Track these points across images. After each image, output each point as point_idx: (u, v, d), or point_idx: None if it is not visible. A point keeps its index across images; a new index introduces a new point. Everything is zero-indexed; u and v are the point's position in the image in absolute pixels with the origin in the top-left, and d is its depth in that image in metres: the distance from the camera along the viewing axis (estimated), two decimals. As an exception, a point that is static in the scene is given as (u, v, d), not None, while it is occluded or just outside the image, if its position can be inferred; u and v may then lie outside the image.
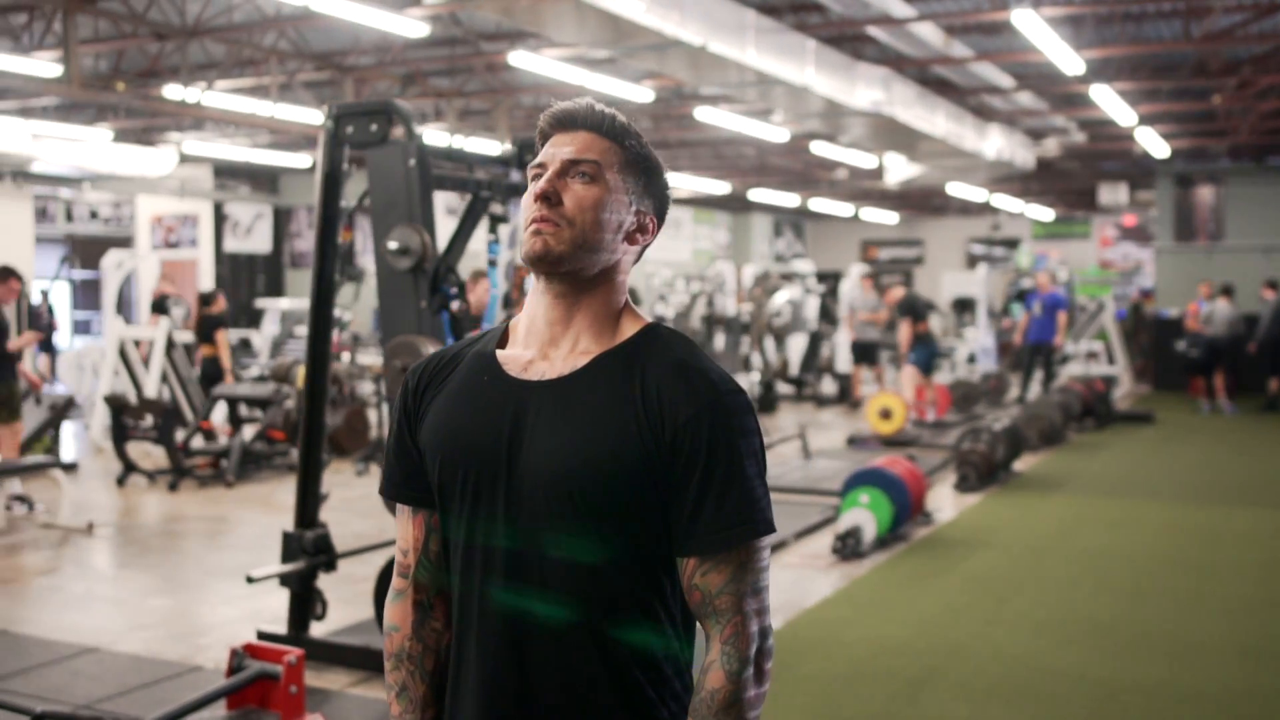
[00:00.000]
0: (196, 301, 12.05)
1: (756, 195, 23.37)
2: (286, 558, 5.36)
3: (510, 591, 1.61)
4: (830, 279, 20.55)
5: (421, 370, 1.76)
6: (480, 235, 5.57)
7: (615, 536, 1.58)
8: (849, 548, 7.25)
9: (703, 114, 13.21)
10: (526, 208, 1.63)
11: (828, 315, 17.99)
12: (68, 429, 12.56)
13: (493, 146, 8.97)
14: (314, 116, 12.06)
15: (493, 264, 5.53)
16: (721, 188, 21.65)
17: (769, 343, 16.84)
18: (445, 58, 12.30)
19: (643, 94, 11.93)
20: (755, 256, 27.87)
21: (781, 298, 17.18)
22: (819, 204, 25.49)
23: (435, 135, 13.46)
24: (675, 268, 22.68)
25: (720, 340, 17.12)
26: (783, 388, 17.11)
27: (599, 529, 1.58)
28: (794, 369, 17.19)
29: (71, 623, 5.92)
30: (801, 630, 5.82)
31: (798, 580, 6.82)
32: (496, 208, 5.44)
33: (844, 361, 16.66)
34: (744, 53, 8.65)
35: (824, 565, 7.13)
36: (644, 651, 1.61)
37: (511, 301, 6.43)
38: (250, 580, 5.20)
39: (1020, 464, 10.69)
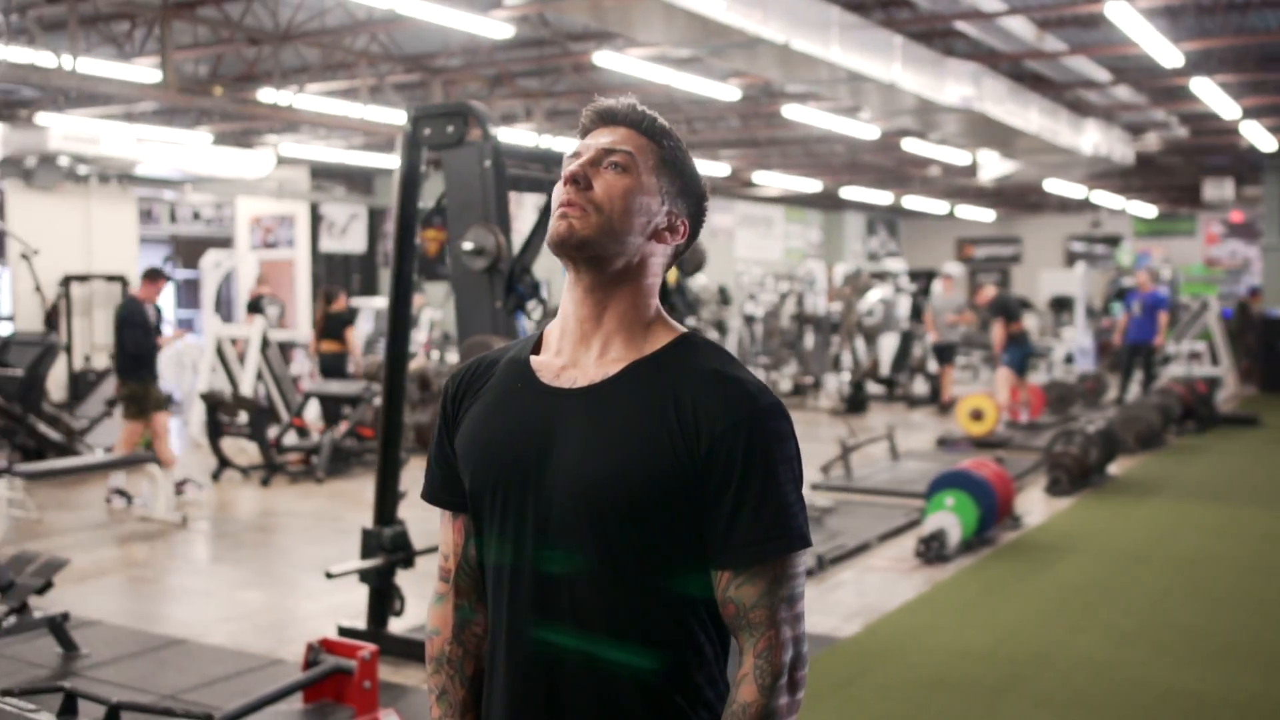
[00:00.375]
0: (321, 300, 12.38)
1: (848, 193, 23.14)
2: (366, 554, 5.43)
3: (538, 604, 1.60)
4: (924, 277, 20.24)
5: (460, 376, 1.76)
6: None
7: (645, 549, 1.56)
8: (933, 551, 7.14)
9: (791, 112, 13.11)
10: (557, 194, 1.62)
11: (920, 314, 17.74)
12: (171, 425, 12.88)
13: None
14: (403, 118, 12.21)
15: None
16: (812, 186, 21.48)
17: (859, 342, 16.66)
18: (533, 59, 12.37)
19: (729, 92, 11.88)
20: (848, 255, 27.60)
21: (874, 296, 17.01)
22: (912, 201, 25.17)
23: (522, 136, 13.57)
24: (766, 266, 22.59)
25: (810, 339, 17.00)
26: (873, 388, 16.91)
27: (628, 541, 1.56)
28: (885, 369, 16.97)
29: (162, 614, 6.08)
30: (881, 635, 5.74)
31: (879, 584, 6.73)
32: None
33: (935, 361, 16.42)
34: (828, 50, 8.55)
35: (907, 569, 7.03)
36: (675, 664, 1.59)
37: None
38: (329, 576, 5.28)
39: (1115, 467, 10.42)
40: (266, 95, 11.84)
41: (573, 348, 1.65)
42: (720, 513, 1.54)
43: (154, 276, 9.24)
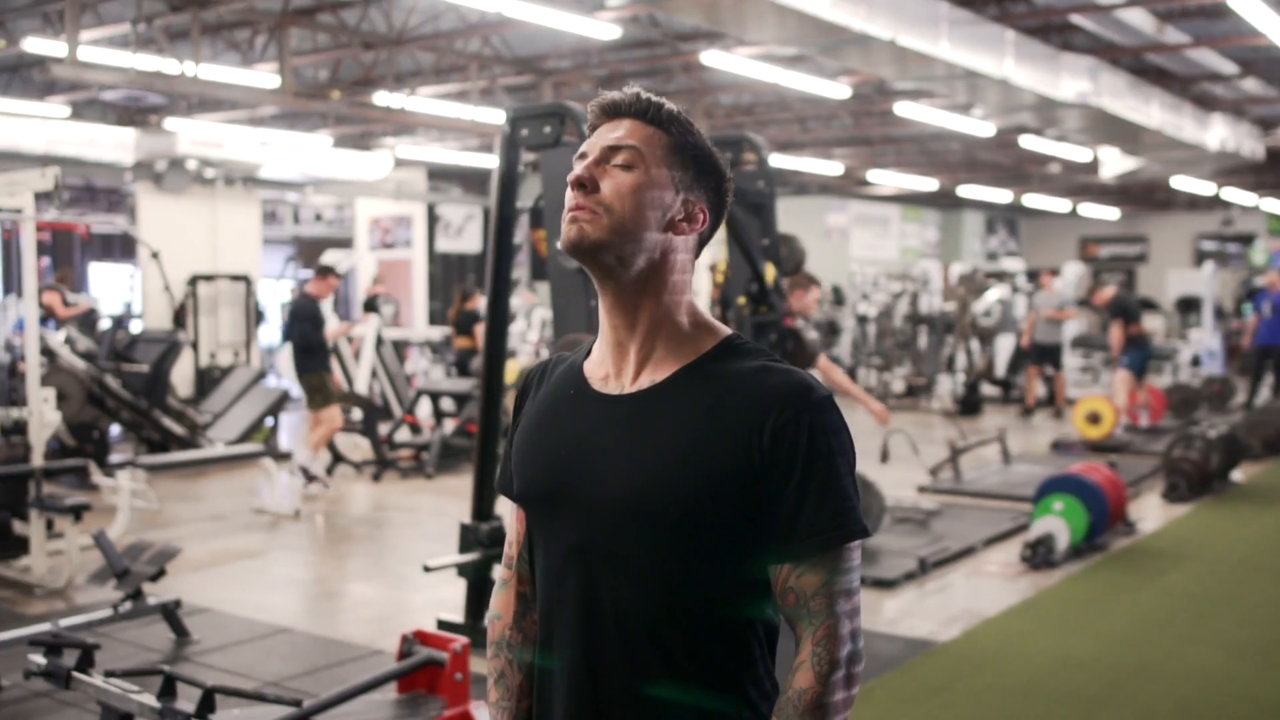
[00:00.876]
0: (457, 297, 12.69)
1: (966, 191, 22.74)
2: (463, 549, 5.53)
3: (581, 615, 1.61)
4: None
5: (531, 375, 1.78)
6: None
7: (693, 556, 1.56)
8: (1039, 556, 6.99)
9: (903, 109, 12.94)
10: (566, 198, 1.61)
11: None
12: (286, 420, 13.26)
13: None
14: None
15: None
16: (928, 184, 21.16)
17: (974, 343, 16.37)
18: (643, 59, 12.43)
19: (839, 90, 11.78)
20: (966, 254, 27.11)
21: (992, 296, 16.71)
22: (1033, 200, 24.63)
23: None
24: (882, 266, 22.32)
25: (924, 340, 16.76)
26: (989, 389, 16.60)
27: (675, 551, 1.55)
28: (1001, 370, 16.65)
29: (270, 603, 6.26)
30: (979, 640, 5.64)
31: (982, 589, 6.61)
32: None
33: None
34: (937, 46, 8.43)
35: (1013, 574, 6.89)
36: (720, 666, 1.59)
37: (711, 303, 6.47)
38: (427, 569, 5.38)
39: (1239, 474, 10.06)
40: (382, 99, 12.09)
41: (614, 354, 1.64)
42: (783, 504, 1.53)
43: (324, 273, 9.56)
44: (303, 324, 9.26)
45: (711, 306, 7.01)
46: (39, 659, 3.70)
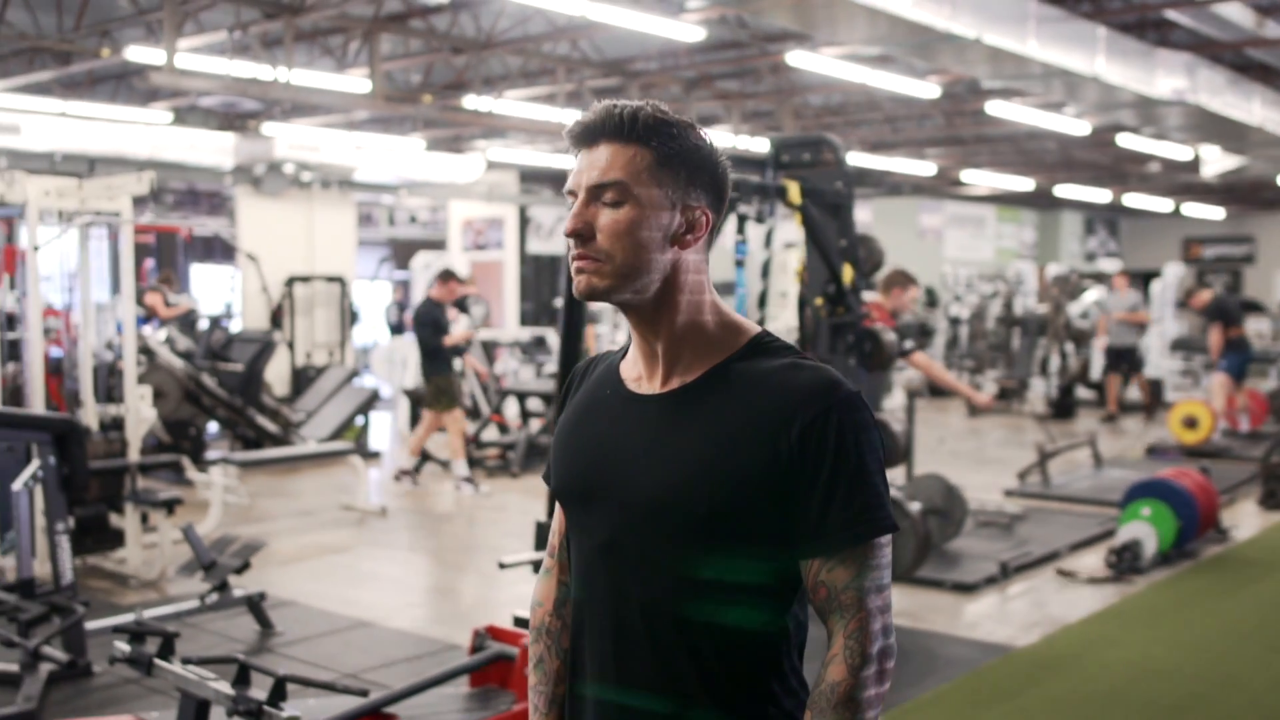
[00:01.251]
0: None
1: (1064, 191, 22.32)
2: (539, 546, 5.58)
3: (610, 610, 1.64)
4: (1142, 279, 19.34)
5: (575, 372, 1.81)
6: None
7: (721, 554, 1.57)
8: (1124, 563, 6.85)
9: (995, 108, 12.76)
10: (566, 243, 1.60)
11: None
12: (379, 419, 13.51)
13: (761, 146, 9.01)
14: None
15: (740, 264, 5.56)
16: (1024, 184, 20.80)
17: (1069, 346, 16.04)
18: (731, 59, 12.43)
19: (928, 89, 11.66)
20: (1064, 255, 26.60)
21: (1090, 298, 16.39)
22: (1134, 199, 24.06)
23: (721, 137, 13.62)
24: (977, 267, 21.99)
25: (1017, 342, 16.47)
26: (1085, 393, 16.27)
27: (704, 549, 1.57)
28: (1096, 373, 16.29)
29: (354, 598, 6.39)
30: (1058, 647, 5.55)
31: (1065, 594, 6.51)
32: (744, 208, 5.49)
33: (1152, 366, 15.67)
34: (1024, 44, 8.31)
35: (1097, 580, 6.76)
36: (747, 664, 1.61)
37: (765, 302, 6.48)
38: (502, 566, 5.45)
39: (1342, 481, 9.73)
40: (471, 102, 12.25)
41: (645, 359, 1.66)
42: (813, 499, 1.54)
43: (447, 278, 9.72)
44: (424, 329, 9.40)
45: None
46: (124, 646, 3.84)
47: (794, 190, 5.72)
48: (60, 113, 12.98)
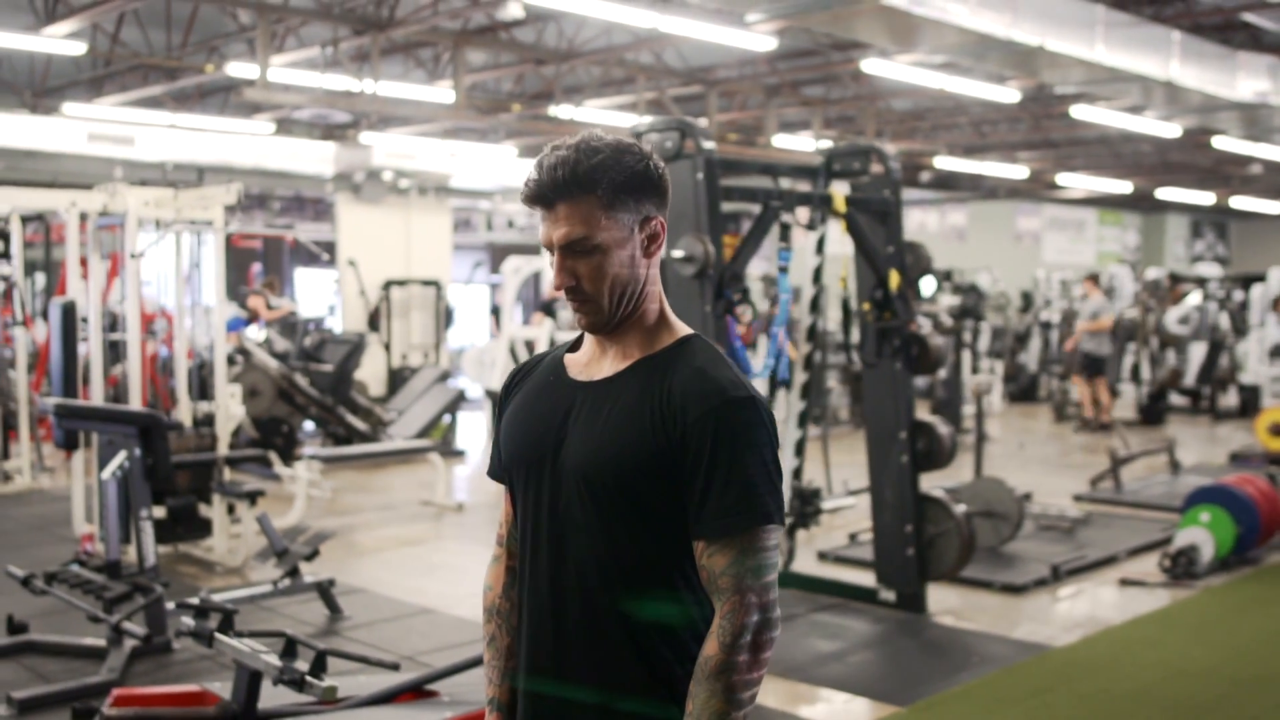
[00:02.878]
0: None
1: (1166, 194, 21.93)
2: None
3: (550, 563, 1.88)
4: (1243, 283, 18.91)
5: (515, 371, 2.07)
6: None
7: (633, 519, 1.81)
8: (1180, 568, 6.87)
9: (1079, 112, 12.70)
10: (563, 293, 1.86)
11: (1236, 322, 16.65)
12: (467, 419, 13.91)
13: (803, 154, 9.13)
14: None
15: (783, 270, 5.76)
16: (1122, 187, 20.50)
17: (1162, 351, 15.81)
18: (814, 66, 12.56)
19: (1007, 94, 11.67)
20: (1169, 259, 26.10)
21: (1191, 302, 16.15)
22: (1241, 202, 23.51)
23: (803, 143, 13.76)
24: (1078, 271, 21.72)
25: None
26: (1177, 399, 16.02)
27: (618, 512, 1.81)
28: (1191, 379, 16.04)
29: (420, 587, 6.72)
30: (1096, 647, 5.64)
31: (1116, 598, 6.57)
32: (788, 217, 5.68)
33: (1250, 372, 15.37)
34: (1092, 49, 8.33)
35: (1152, 585, 6.80)
36: (662, 619, 1.83)
37: (816, 306, 6.65)
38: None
39: None
40: (556, 111, 12.59)
41: (596, 350, 1.92)
42: (694, 489, 1.77)
43: None
44: None
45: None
46: (189, 621, 4.19)
47: (839, 199, 5.90)
48: (170, 125, 13.64)
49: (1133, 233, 26.92)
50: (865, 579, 6.49)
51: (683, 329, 1.92)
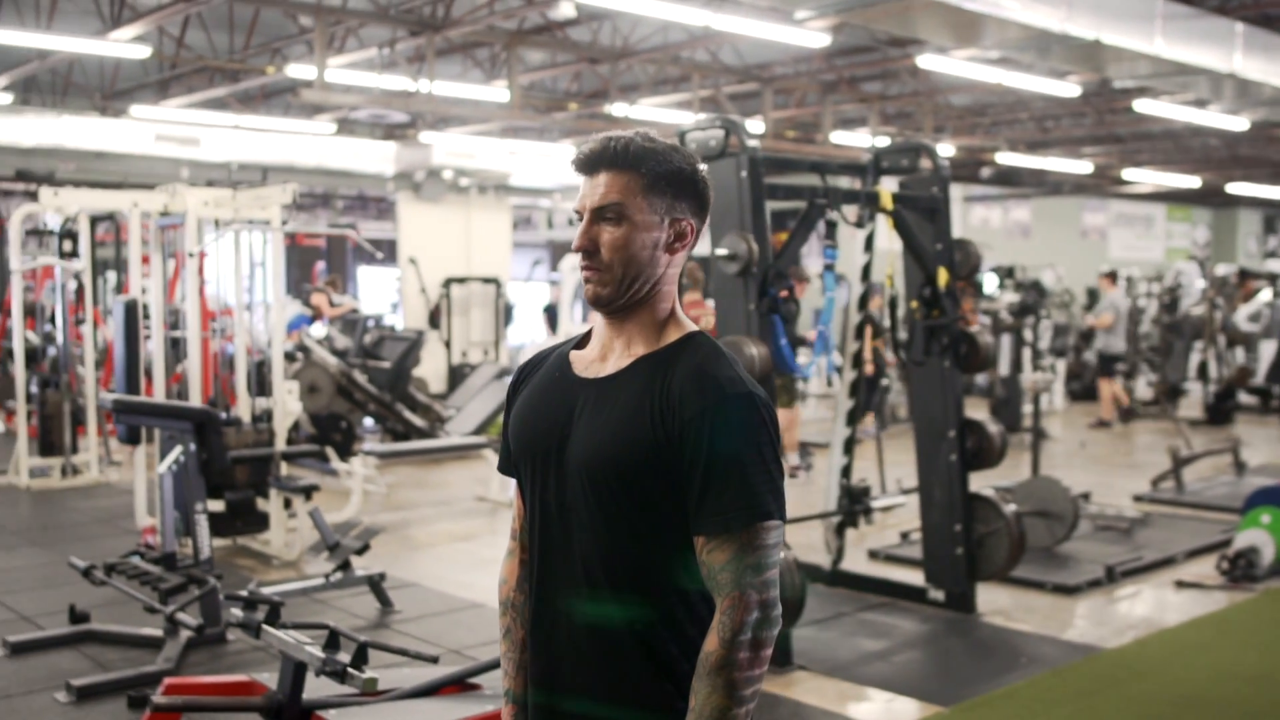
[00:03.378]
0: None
1: (1237, 188, 21.50)
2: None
3: (557, 557, 1.91)
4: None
5: (523, 367, 2.10)
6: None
7: (636, 515, 1.84)
8: (1239, 570, 6.75)
9: (1143, 106, 12.50)
10: (576, 259, 1.89)
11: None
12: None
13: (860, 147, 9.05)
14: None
15: (829, 268, 5.74)
16: (1190, 182, 20.14)
17: (1230, 349, 15.52)
18: (870, 62, 12.50)
19: (1067, 89, 11.52)
20: (1241, 256, 25.58)
21: (1264, 297, 15.84)
22: (1316, 196, 23.01)
23: (860, 139, 13.68)
24: (1147, 268, 21.40)
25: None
26: (1247, 398, 15.71)
27: (619, 505, 1.84)
28: (1261, 378, 15.71)
29: (470, 581, 6.79)
30: (1149, 650, 5.56)
31: (1170, 600, 6.47)
32: (834, 214, 5.66)
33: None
34: (1151, 43, 8.20)
35: (1209, 587, 6.69)
36: (666, 612, 1.86)
37: (865, 304, 6.62)
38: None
39: None
40: (610, 109, 12.63)
41: (602, 347, 1.95)
42: (693, 486, 1.79)
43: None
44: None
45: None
46: (237, 612, 4.27)
47: (886, 196, 5.87)
48: (234, 126, 13.89)
49: (1202, 228, 26.44)
50: (915, 578, 6.45)
51: (688, 327, 1.93)
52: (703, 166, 1.92)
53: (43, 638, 5.48)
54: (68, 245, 9.70)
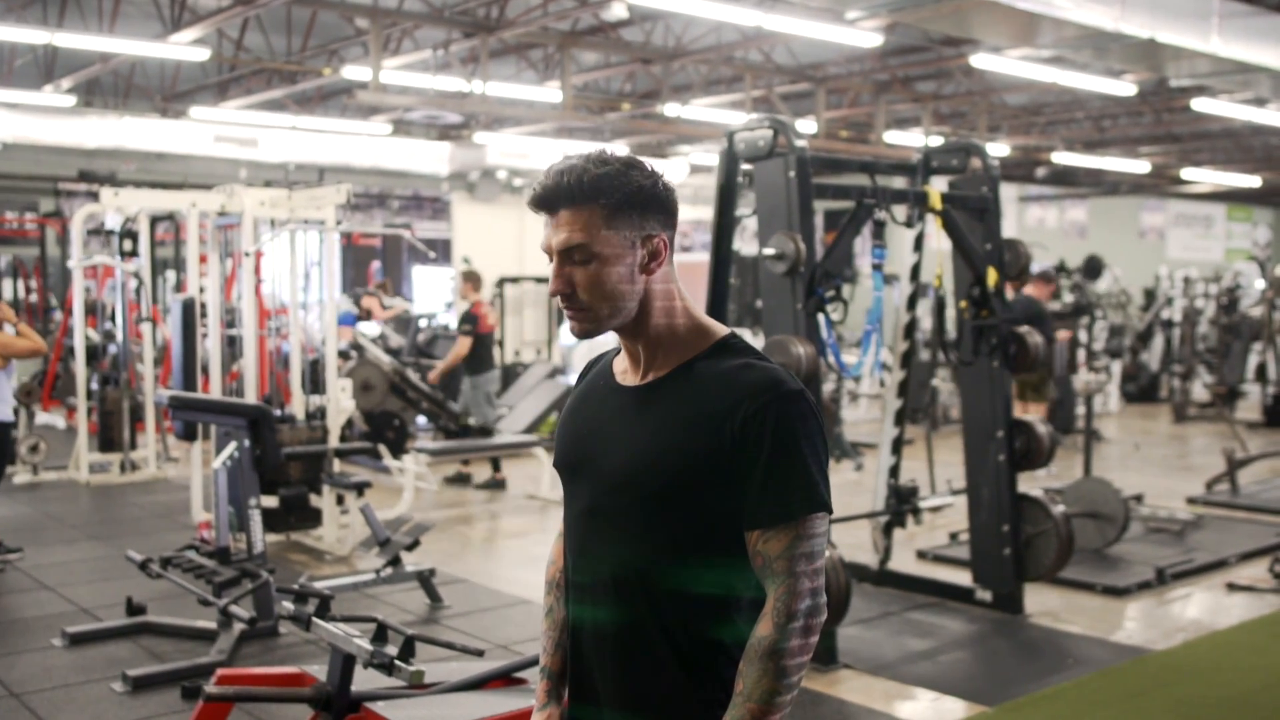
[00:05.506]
0: None
1: (1299, 188, 21.17)
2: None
3: (593, 562, 1.94)
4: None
5: (588, 364, 2.13)
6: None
7: (676, 520, 1.85)
8: (1293, 573, 6.67)
9: (1201, 105, 12.34)
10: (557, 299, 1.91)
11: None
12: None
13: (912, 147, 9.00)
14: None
15: (877, 268, 5.74)
16: (1250, 181, 19.82)
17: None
18: (924, 62, 12.44)
19: (1123, 88, 11.40)
20: (1304, 255, 25.13)
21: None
22: (1381, 196, 22.58)
23: (913, 138, 13.62)
24: (1206, 269, 21.09)
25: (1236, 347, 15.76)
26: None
27: (662, 516, 1.86)
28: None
29: (518, 578, 6.86)
30: (1198, 652, 5.51)
31: (1221, 602, 6.40)
32: (882, 214, 5.66)
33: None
34: (1207, 41, 8.10)
35: (1262, 590, 6.61)
36: (700, 620, 1.88)
37: (914, 304, 6.61)
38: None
39: None
40: (664, 110, 12.67)
41: (630, 358, 1.97)
42: (752, 481, 1.81)
43: (1045, 279, 10.15)
44: (1044, 325, 9.12)
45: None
46: (289, 606, 4.36)
47: (935, 196, 5.86)
48: (291, 127, 14.08)
49: (1263, 228, 26.00)
50: (962, 578, 6.44)
51: (719, 330, 1.94)
52: (664, 173, 1.88)
53: (100, 629, 5.62)
54: (128, 245, 9.90)
